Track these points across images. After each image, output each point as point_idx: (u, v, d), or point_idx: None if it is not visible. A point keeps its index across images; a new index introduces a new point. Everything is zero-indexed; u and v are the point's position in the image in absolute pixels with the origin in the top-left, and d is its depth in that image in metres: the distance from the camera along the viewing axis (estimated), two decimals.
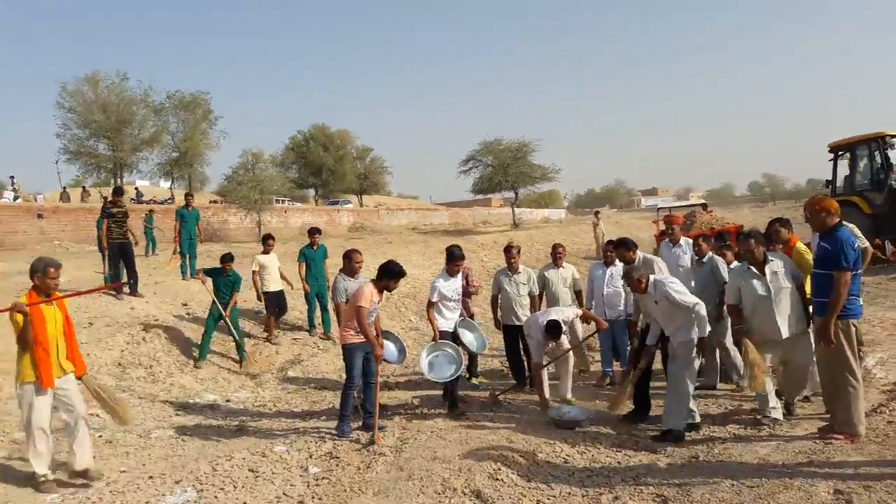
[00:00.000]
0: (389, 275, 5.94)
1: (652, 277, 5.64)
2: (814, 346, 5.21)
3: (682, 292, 5.46)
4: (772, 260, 5.44)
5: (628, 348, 7.02)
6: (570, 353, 6.87)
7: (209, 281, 9.03)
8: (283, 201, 36.90)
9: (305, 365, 9.22)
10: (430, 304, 6.89)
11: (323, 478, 4.90)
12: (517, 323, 7.20)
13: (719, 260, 6.79)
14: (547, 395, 6.58)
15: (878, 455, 4.37)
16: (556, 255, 7.80)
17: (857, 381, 4.83)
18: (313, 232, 10.34)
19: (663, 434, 5.36)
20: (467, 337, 6.98)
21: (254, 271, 9.83)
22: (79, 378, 5.06)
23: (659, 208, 26.22)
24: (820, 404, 5.57)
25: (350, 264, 6.66)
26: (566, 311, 6.78)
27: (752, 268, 5.45)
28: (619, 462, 4.94)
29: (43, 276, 4.81)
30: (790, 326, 5.32)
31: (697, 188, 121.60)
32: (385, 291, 6.06)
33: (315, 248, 10.16)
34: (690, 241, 7.89)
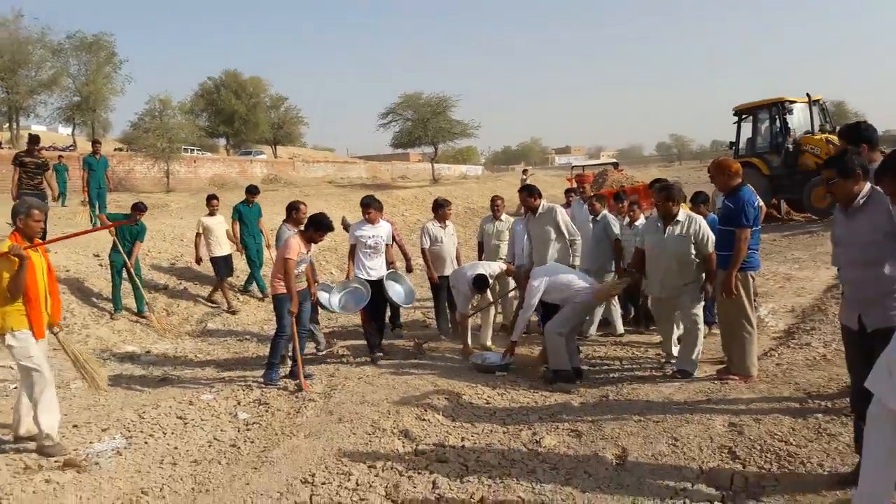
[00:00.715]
0: (317, 226, 6.02)
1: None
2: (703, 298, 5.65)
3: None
4: (679, 221, 5.60)
5: None
6: (492, 304, 7.19)
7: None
8: (192, 151, 35.51)
9: (226, 318, 9.16)
10: (350, 249, 7.06)
11: (253, 423, 5.01)
12: (446, 273, 7.43)
13: (611, 217, 7.24)
14: (469, 342, 6.86)
15: (768, 393, 4.84)
16: (495, 208, 7.95)
17: (752, 328, 5.30)
18: (253, 191, 10.08)
19: (555, 374, 5.74)
20: (395, 289, 7.12)
21: (197, 234, 9.40)
22: (52, 328, 4.71)
23: (573, 166, 26.95)
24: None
25: (298, 215, 6.82)
26: (492, 266, 7.03)
27: (658, 223, 5.79)
28: (536, 402, 5.25)
29: (27, 217, 4.43)
30: (662, 289, 5.71)
31: (608, 147, 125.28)
32: (312, 243, 6.12)
33: (251, 206, 9.94)
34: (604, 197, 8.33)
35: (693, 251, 5.50)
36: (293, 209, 6.87)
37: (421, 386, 5.70)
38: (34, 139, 9.78)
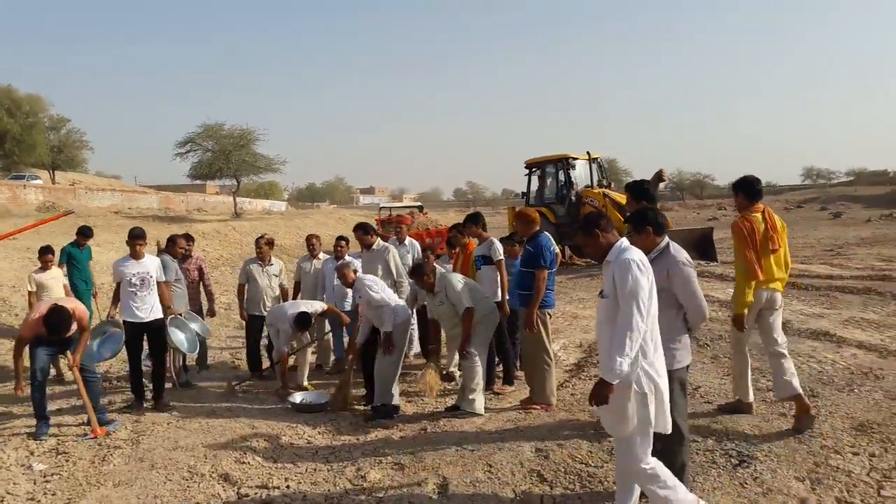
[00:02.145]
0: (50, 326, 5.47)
1: (358, 275, 6.35)
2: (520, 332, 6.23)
3: (377, 291, 6.09)
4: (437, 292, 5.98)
5: None
6: (310, 344, 7.24)
7: None
8: None
9: (4, 358, 8.20)
10: (115, 289, 6.49)
11: (53, 474, 4.60)
12: (264, 313, 7.32)
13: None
14: (285, 383, 6.82)
15: (567, 420, 5.41)
16: (311, 247, 7.96)
17: (551, 361, 5.89)
18: (86, 233, 8.86)
19: (374, 410, 5.94)
20: (177, 337, 6.81)
21: (30, 292, 7.81)
22: None
23: (381, 207, 27.56)
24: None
25: (174, 248, 7.12)
26: (314, 304, 7.08)
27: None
28: (357, 439, 5.38)
29: None
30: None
31: (410, 190, 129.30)
32: None
33: (82, 248, 8.81)
34: (415, 241, 8.76)
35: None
36: (172, 242, 7.12)
37: (238, 428, 5.58)
38: None
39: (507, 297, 6.49)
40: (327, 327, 7.67)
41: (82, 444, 5.21)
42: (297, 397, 6.44)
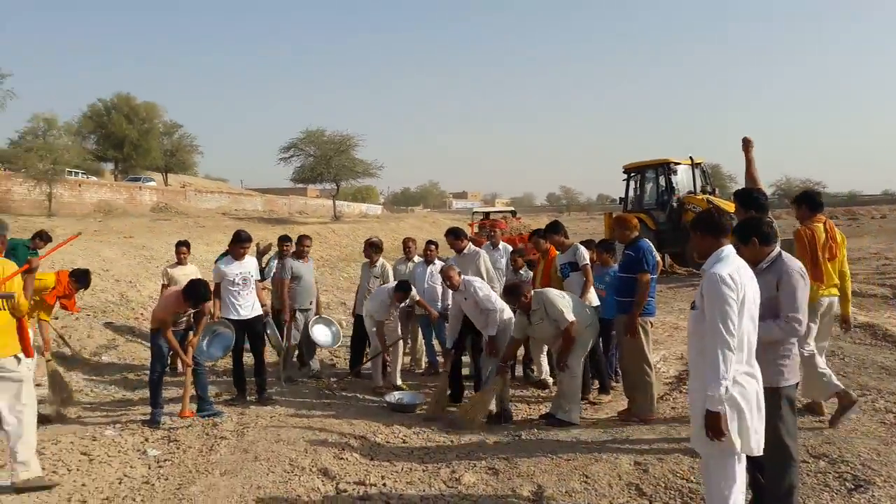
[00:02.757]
0: (193, 296, 5.88)
1: (463, 277, 6.31)
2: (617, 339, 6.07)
3: (487, 294, 6.13)
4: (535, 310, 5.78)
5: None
6: (400, 342, 7.31)
7: None
8: (77, 174, 33.63)
9: (122, 351, 8.75)
10: (215, 288, 6.64)
11: (165, 460, 4.86)
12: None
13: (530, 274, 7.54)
14: (381, 382, 6.94)
15: (667, 433, 5.22)
16: (408, 249, 8.06)
17: (651, 372, 5.72)
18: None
19: (496, 416, 5.92)
20: (322, 332, 7.32)
21: (163, 285, 8.10)
22: None
23: (474, 211, 27.63)
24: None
25: (301, 248, 7.48)
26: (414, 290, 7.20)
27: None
28: (452, 441, 5.39)
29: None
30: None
31: (503, 195, 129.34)
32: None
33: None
34: (508, 245, 8.69)
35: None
36: (298, 242, 7.57)
37: (336, 425, 5.71)
38: None
39: (599, 305, 6.36)
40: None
41: (191, 433, 5.48)
42: (393, 396, 6.53)
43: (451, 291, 6.51)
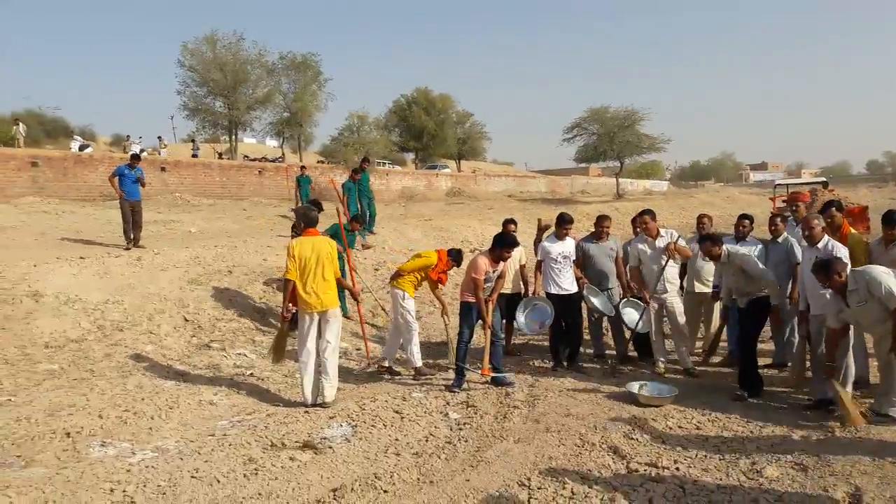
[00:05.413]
0: (502, 244, 6.33)
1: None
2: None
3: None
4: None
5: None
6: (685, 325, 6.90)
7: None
8: (384, 164, 37.62)
9: (423, 322, 9.60)
10: (537, 264, 7.25)
11: (465, 423, 5.25)
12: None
13: (794, 241, 6.55)
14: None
15: None
16: (702, 226, 7.47)
17: None
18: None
19: (817, 403, 5.43)
20: (601, 301, 7.19)
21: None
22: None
23: (777, 184, 25.07)
24: None
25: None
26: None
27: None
28: (751, 432, 4.99)
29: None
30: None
31: (810, 165, 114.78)
32: (500, 261, 6.44)
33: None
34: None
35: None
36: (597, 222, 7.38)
37: (625, 406, 5.64)
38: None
39: None
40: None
41: (487, 400, 5.84)
42: (641, 387, 5.94)
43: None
